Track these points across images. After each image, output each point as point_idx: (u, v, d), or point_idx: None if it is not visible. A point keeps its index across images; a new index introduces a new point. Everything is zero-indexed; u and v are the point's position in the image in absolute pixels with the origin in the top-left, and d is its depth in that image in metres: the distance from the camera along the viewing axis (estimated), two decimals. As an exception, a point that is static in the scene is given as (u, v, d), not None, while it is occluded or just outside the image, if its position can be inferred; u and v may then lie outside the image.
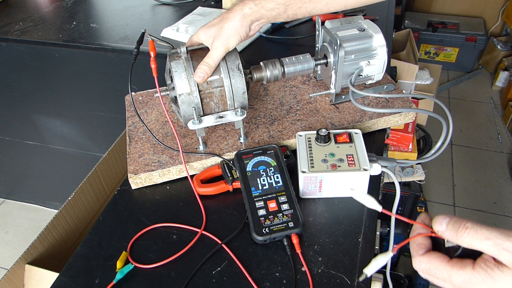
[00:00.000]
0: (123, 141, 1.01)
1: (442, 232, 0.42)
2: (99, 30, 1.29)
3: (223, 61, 0.70)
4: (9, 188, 1.99)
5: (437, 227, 0.42)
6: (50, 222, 0.87)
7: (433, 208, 1.97)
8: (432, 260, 0.42)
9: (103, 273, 0.61)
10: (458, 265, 0.40)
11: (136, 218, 0.69)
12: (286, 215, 0.63)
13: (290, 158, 0.74)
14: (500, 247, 0.38)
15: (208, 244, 0.64)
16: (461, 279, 0.40)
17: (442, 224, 0.42)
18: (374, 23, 0.82)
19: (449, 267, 0.41)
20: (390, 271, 0.72)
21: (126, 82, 0.71)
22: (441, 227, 0.42)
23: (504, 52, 2.74)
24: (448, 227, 0.41)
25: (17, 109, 1.50)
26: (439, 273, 0.42)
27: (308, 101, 0.86)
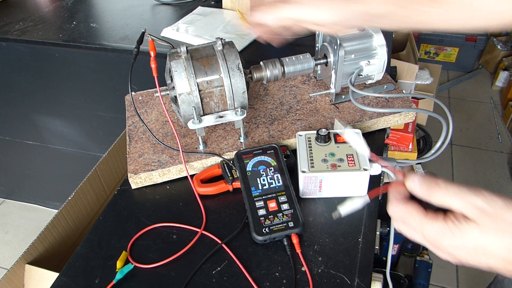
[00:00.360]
0: (123, 141, 1.01)
1: (415, 190, 0.43)
2: (99, 30, 1.29)
3: (223, 61, 0.70)
4: (9, 188, 1.99)
5: (410, 184, 0.43)
6: (50, 222, 0.87)
7: (433, 208, 1.97)
8: (409, 209, 0.43)
9: (103, 273, 0.61)
10: (431, 216, 0.42)
11: (136, 218, 0.69)
12: (286, 215, 0.63)
13: (290, 158, 0.74)
14: (468, 203, 0.39)
15: (208, 244, 0.64)
16: (432, 230, 0.41)
17: (415, 182, 0.43)
18: (374, 23, 0.81)
19: (423, 217, 0.42)
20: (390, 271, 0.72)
21: (126, 82, 0.71)
22: (414, 184, 0.43)
23: (504, 52, 2.74)
24: (421, 185, 0.42)
25: (17, 109, 1.50)
26: (413, 222, 0.43)
27: (308, 101, 0.86)
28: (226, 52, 0.70)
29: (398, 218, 0.44)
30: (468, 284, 1.67)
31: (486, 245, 0.38)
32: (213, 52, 0.71)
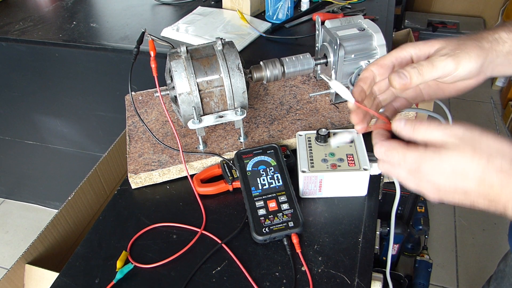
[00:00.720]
0: (123, 141, 1.01)
1: (400, 129, 0.45)
2: (99, 30, 1.29)
3: (223, 61, 0.70)
4: (9, 188, 1.99)
5: (396, 124, 0.45)
6: (50, 222, 0.87)
7: (433, 207, 1.97)
8: (392, 143, 0.45)
9: (103, 272, 0.61)
10: (412, 146, 0.44)
11: (136, 217, 0.69)
12: (286, 214, 0.63)
13: (290, 157, 0.74)
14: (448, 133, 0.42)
15: (208, 244, 0.64)
16: (413, 157, 0.43)
17: (401, 122, 0.45)
18: (374, 22, 0.82)
19: (404, 148, 0.44)
20: (390, 271, 0.72)
21: (126, 82, 0.71)
22: (399, 124, 0.45)
23: (504, 52, 2.73)
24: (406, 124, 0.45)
25: (17, 109, 1.50)
26: (396, 156, 0.45)
27: (308, 101, 0.86)
28: (226, 52, 0.70)
29: (382, 153, 0.46)
30: (468, 284, 1.67)
31: (463, 167, 0.41)
32: (213, 52, 0.71)
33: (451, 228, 1.89)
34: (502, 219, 1.99)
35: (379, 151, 0.47)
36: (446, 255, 1.77)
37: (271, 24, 1.25)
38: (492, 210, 0.43)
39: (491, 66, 0.48)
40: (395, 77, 0.45)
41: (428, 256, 1.61)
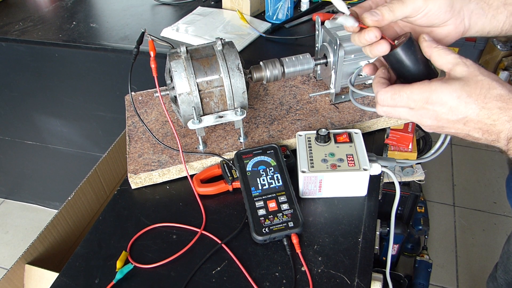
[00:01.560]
0: (123, 141, 1.01)
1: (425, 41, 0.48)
2: (99, 30, 1.29)
3: (222, 61, 0.70)
4: (9, 188, 1.99)
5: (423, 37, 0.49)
6: (50, 222, 0.87)
7: (433, 207, 1.97)
8: (395, 87, 0.48)
9: (103, 273, 0.61)
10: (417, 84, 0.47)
11: (136, 218, 0.69)
12: (286, 215, 0.63)
13: (290, 158, 0.74)
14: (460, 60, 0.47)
15: (208, 244, 0.64)
16: (419, 91, 0.46)
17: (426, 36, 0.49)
18: (374, 23, 0.81)
19: (410, 86, 0.47)
20: (390, 271, 0.72)
21: (126, 82, 0.71)
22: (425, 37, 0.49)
23: (504, 52, 2.74)
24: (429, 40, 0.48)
25: (17, 109, 1.50)
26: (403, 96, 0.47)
27: (308, 101, 0.86)
28: (226, 52, 0.70)
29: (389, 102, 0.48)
30: (468, 284, 1.67)
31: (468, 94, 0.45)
32: (213, 52, 0.71)
33: (451, 228, 1.89)
34: (502, 220, 1.99)
35: (385, 97, 0.48)
36: (446, 255, 1.77)
37: (271, 24, 1.25)
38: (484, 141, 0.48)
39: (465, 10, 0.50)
40: (367, 15, 0.47)
41: (428, 256, 1.61)
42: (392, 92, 0.48)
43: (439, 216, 1.94)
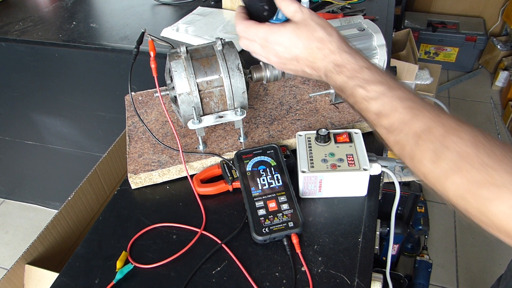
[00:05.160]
0: (123, 141, 1.01)
1: None
2: (99, 30, 1.29)
3: (222, 61, 0.70)
4: (9, 188, 1.99)
5: None
6: (50, 222, 0.87)
7: (433, 208, 1.97)
8: (248, 22, 0.57)
9: (103, 273, 0.61)
10: (264, 24, 0.56)
11: (136, 218, 0.69)
12: (286, 215, 0.63)
13: (290, 158, 0.74)
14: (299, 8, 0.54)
15: (208, 244, 0.64)
16: (263, 31, 0.55)
17: None
18: (374, 23, 0.82)
19: (257, 25, 0.56)
20: (390, 271, 0.72)
21: (126, 82, 0.71)
22: None
23: (504, 52, 2.74)
24: None
25: (17, 109, 1.50)
26: (252, 30, 0.56)
27: (308, 101, 0.86)
28: (226, 52, 0.70)
29: (242, 33, 0.57)
30: (468, 284, 1.67)
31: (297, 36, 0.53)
32: (213, 52, 0.71)
33: (451, 228, 1.89)
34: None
35: (239, 29, 0.57)
36: (446, 255, 1.77)
37: (271, 24, 1.25)
38: (315, 77, 0.56)
39: None
40: None
41: (428, 256, 1.61)
42: (244, 25, 0.57)
43: (439, 216, 1.94)
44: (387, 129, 0.48)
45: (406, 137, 0.46)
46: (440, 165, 0.43)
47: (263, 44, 0.56)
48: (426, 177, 0.45)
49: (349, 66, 0.51)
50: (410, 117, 0.46)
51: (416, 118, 0.46)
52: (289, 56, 0.55)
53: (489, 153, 0.40)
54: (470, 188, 0.41)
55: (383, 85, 0.49)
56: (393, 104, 0.47)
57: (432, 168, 0.44)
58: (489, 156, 0.40)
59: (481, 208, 0.41)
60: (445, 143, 0.43)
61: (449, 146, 0.42)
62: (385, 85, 0.49)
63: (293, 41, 0.54)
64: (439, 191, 0.44)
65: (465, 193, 0.41)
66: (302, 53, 0.54)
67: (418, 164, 0.46)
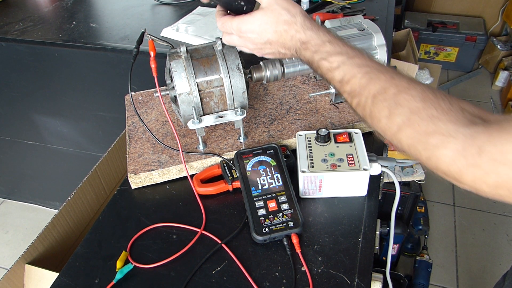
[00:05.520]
0: (123, 141, 1.01)
1: None
2: (99, 30, 1.29)
3: (222, 61, 0.70)
4: (9, 188, 1.99)
5: None
6: (50, 222, 0.87)
7: (433, 207, 1.97)
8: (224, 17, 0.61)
9: (103, 273, 0.61)
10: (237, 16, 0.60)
11: (136, 218, 0.69)
12: (286, 214, 0.63)
13: (290, 157, 0.74)
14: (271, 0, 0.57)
15: (208, 244, 0.64)
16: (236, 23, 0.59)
17: None
18: (374, 22, 0.82)
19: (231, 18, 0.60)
20: (390, 271, 0.72)
21: (126, 82, 0.71)
22: None
23: (504, 51, 2.74)
24: None
25: (17, 109, 1.50)
26: (228, 24, 0.60)
27: (308, 101, 0.86)
28: (226, 52, 0.70)
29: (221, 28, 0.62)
30: (468, 284, 1.67)
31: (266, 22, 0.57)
32: (213, 52, 0.71)
33: (451, 228, 1.89)
34: (503, 220, 1.99)
35: (219, 25, 0.62)
36: (446, 255, 1.77)
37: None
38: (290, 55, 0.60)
39: None
40: None
41: (428, 256, 1.61)
42: (221, 21, 0.61)
43: (439, 216, 1.94)
44: (349, 94, 0.54)
45: (365, 99, 0.51)
46: (394, 120, 0.48)
47: (239, 34, 0.60)
48: (384, 132, 0.50)
49: (312, 42, 0.56)
50: (367, 81, 0.51)
51: (372, 81, 0.51)
52: (262, 41, 0.60)
53: (436, 107, 0.46)
54: (419, 137, 0.46)
55: (343, 55, 0.54)
56: (353, 71, 0.53)
57: (388, 123, 0.49)
58: (436, 109, 0.45)
59: (430, 155, 0.45)
60: (398, 100, 0.48)
61: (401, 103, 0.48)
62: (344, 55, 0.54)
63: (263, 27, 0.58)
64: (395, 144, 0.49)
65: (416, 143, 0.46)
66: (273, 37, 0.58)
67: (377, 122, 0.51)
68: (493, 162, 0.40)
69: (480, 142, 0.41)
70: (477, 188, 0.43)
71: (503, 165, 0.40)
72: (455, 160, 0.43)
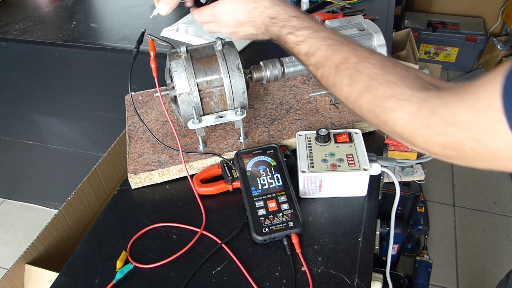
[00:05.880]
0: (123, 141, 1.01)
1: None
2: (99, 30, 1.29)
3: (222, 61, 0.70)
4: (9, 188, 1.99)
5: None
6: (50, 222, 0.87)
7: (433, 208, 1.97)
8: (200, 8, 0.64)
9: (103, 273, 0.61)
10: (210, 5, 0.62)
11: (136, 218, 0.69)
12: (286, 215, 0.63)
13: (290, 157, 0.74)
14: None
15: (208, 244, 0.64)
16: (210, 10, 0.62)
17: None
18: (374, 22, 0.82)
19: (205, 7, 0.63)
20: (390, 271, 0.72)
21: (126, 82, 0.71)
22: None
23: (504, 52, 2.74)
24: None
25: (17, 109, 1.50)
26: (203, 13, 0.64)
27: (308, 101, 0.86)
28: (226, 52, 0.70)
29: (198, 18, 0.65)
30: (468, 284, 1.67)
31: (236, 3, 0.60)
32: (213, 52, 0.71)
33: (451, 228, 1.89)
34: (503, 220, 1.99)
35: (196, 17, 0.65)
36: (446, 255, 1.77)
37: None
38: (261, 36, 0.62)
39: None
40: None
41: (428, 256, 1.61)
42: (197, 12, 0.65)
43: (439, 216, 1.94)
44: (314, 66, 0.56)
45: (329, 69, 0.54)
46: (355, 87, 0.51)
47: (214, 19, 0.63)
48: (347, 99, 0.53)
49: (280, 17, 0.58)
50: (330, 52, 0.54)
51: (335, 52, 0.53)
52: (234, 23, 0.62)
53: (393, 73, 0.48)
54: (377, 102, 0.48)
55: (309, 29, 0.56)
56: (318, 44, 0.55)
57: (349, 91, 0.52)
58: (393, 75, 0.48)
59: (386, 118, 0.47)
60: (358, 68, 0.50)
61: (361, 71, 0.50)
62: (310, 29, 0.56)
63: (233, 8, 0.60)
64: (356, 111, 0.52)
65: (374, 107, 0.49)
66: (244, 17, 0.60)
67: (339, 90, 0.53)
68: (443, 123, 0.42)
69: (433, 104, 0.43)
70: (428, 149, 0.45)
71: (452, 126, 0.42)
72: (409, 122, 0.45)
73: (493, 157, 0.41)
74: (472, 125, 0.40)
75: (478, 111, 0.39)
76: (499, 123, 0.38)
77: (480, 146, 0.41)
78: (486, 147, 0.40)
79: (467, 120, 0.40)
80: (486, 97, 0.39)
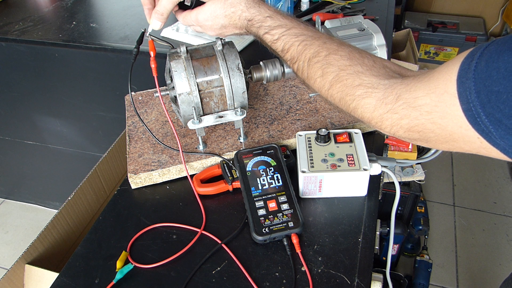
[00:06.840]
0: (123, 141, 1.01)
1: None
2: (99, 30, 1.29)
3: (222, 61, 0.70)
4: (9, 188, 1.99)
5: None
6: (50, 222, 0.87)
7: (433, 208, 1.97)
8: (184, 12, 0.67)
9: (103, 273, 0.61)
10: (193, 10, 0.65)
11: (136, 218, 0.69)
12: (286, 215, 0.63)
13: (290, 158, 0.74)
14: None
15: (208, 244, 0.64)
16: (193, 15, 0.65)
17: None
18: (374, 22, 0.82)
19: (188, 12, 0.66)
20: (390, 271, 0.72)
21: (126, 82, 0.71)
22: None
23: (504, 52, 2.73)
24: None
25: (17, 109, 1.50)
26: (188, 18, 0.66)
27: (308, 101, 0.86)
28: (226, 52, 0.70)
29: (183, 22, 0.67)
30: (468, 284, 1.67)
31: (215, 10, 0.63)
32: (213, 52, 0.71)
33: (451, 228, 1.89)
34: (502, 220, 1.99)
35: (180, 20, 0.68)
36: (446, 255, 1.77)
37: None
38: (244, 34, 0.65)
39: None
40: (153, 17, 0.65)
41: (428, 256, 1.61)
42: (182, 16, 0.67)
43: (439, 216, 1.94)
44: (290, 60, 0.60)
45: (302, 63, 0.58)
46: (326, 78, 0.54)
47: (199, 24, 0.66)
48: (320, 90, 0.57)
49: (256, 18, 0.61)
50: (303, 47, 0.58)
51: (308, 47, 0.57)
52: (218, 26, 0.65)
53: (361, 63, 0.53)
54: (347, 90, 0.52)
55: (282, 28, 0.60)
56: (291, 41, 0.59)
57: (321, 82, 0.55)
58: (360, 66, 0.52)
59: (356, 105, 0.51)
60: (328, 61, 0.54)
61: (331, 63, 0.54)
62: (284, 27, 0.60)
63: (214, 14, 0.63)
64: (329, 100, 0.56)
65: (344, 96, 0.53)
66: (225, 21, 0.63)
67: (313, 82, 0.57)
68: (406, 107, 0.46)
69: (398, 90, 0.47)
70: (394, 132, 0.48)
71: (414, 109, 0.45)
72: (377, 107, 0.49)
73: (451, 139, 0.44)
74: (431, 108, 0.43)
75: (436, 95, 0.43)
76: (454, 106, 0.41)
77: (438, 128, 0.44)
78: (443, 129, 0.43)
79: (427, 104, 0.43)
80: (444, 82, 0.42)
